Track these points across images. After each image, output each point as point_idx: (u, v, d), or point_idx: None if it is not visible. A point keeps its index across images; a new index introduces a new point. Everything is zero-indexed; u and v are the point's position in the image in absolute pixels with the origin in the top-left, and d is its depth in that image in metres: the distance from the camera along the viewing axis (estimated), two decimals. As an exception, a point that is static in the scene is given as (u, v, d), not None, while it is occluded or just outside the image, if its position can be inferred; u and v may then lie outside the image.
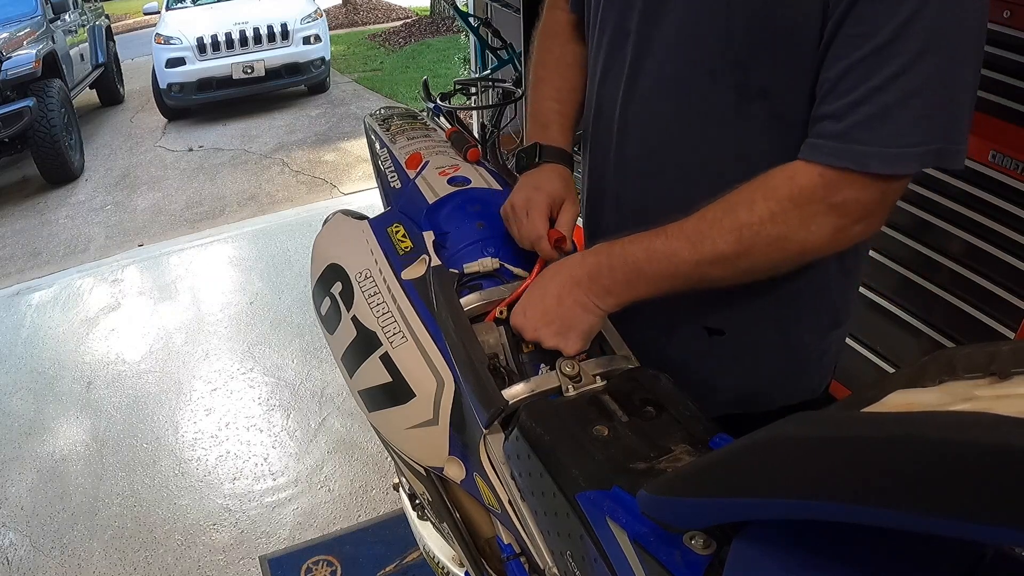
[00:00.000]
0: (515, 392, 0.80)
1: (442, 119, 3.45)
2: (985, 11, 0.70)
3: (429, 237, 0.99)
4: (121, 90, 8.17)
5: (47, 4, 6.27)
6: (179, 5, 7.76)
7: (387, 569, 1.84)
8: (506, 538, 0.88)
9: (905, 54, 0.67)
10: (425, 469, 0.98)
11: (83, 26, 7.15)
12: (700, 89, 0.83)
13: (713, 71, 0.81)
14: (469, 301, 0.90)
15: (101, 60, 7.52)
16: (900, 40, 0.67)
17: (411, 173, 1.15)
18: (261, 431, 2.57)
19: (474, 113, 4.20)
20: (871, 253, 1.56)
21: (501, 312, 0.90)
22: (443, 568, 1.25)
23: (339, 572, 1.97)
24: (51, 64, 5.81)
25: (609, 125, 0.95)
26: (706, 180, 0.86)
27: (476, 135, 4.01)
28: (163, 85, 6.85)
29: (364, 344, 0.95)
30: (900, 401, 0.48)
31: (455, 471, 0.90)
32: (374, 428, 1.06)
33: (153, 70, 6.98)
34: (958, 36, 0.68)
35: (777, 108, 0.80)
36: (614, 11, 0.91)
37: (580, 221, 1.02)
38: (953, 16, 0.67)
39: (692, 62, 0.83)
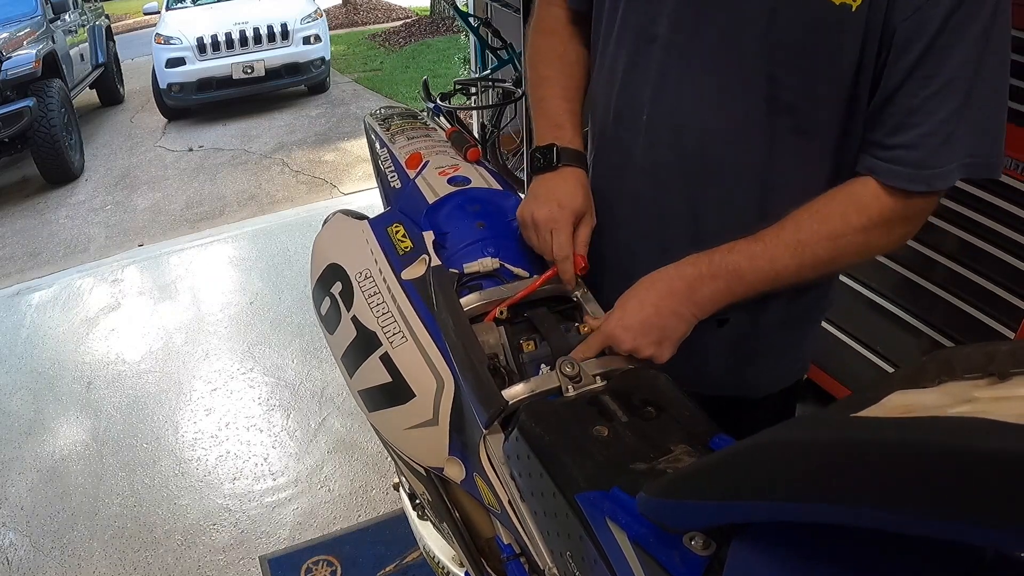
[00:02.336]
0: (515, 392, 0.80)
1: (442, 119, 3.45)
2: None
3: (429, 237, 0.99)
4: (121, 90, 8.18)
5: (47, 4, 6.27)
6: (179, 5, 7.76)
7: (387, 569, 1.84)
8: (506, 538, 0.88)
9: (963, 90, 0.77)
10: (425, 469, 0.98)
11: (83, 26, 7.15)
12: (734, 99, 0.88)
13: (747, 83, 0.86)
14: (469, 301, 0.90)
15: (101, 60, 7.53)
16: (960, 79, 0.77)
17: (411, 173, 1.15)
18: (261, 431, 2.57)
19: (474, 113, 4.20)
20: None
21: (501, 312, 0.90)
22: (443, 568, 1.25)
23: (339, 572, 1.97)
24: (51, 64, 5.81)
25: (634, 128, 0.97)
26: (736, 184, 0.93)
27: (476, 135, 4.01)
28: (163, 85, 6.86)
29: (364, 344, 0.95)
30: (899, 402, 0.48)
31: (455, 471, 0.90)
32: (374, 428, 1.06)
33: (153, 70, 6.99)
34: (1001, 64, 0.78)
35: (801, 123, 0.87)
36: (637, 14, 0.92)
37: None
38: (997, 49, 0.77)
39: (728, 73, 0.87)
